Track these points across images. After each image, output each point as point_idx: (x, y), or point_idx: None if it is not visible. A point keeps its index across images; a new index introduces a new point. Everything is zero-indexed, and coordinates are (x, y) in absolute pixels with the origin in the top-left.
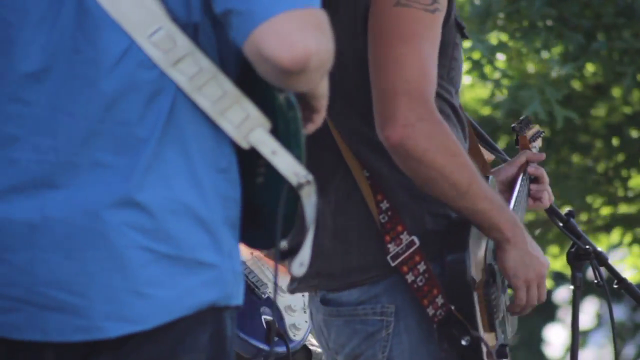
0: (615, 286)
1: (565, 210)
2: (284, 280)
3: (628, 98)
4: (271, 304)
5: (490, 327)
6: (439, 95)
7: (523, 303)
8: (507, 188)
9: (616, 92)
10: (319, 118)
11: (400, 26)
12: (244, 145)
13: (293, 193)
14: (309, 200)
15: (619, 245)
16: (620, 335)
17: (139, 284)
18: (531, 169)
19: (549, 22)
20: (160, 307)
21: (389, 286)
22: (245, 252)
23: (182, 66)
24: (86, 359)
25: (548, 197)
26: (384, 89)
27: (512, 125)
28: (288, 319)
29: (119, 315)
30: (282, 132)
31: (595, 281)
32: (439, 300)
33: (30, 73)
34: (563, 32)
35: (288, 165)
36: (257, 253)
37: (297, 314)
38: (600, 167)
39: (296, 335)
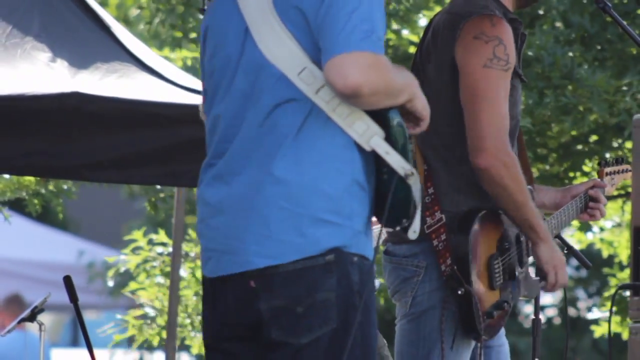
0: (565, 252)
1: None
2: None
3: (572, 131)
4: None
5: (491, 287)
6: None
7: (553, 282)
8: (569, 200)
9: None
10: (424, 123)
11: (488, 83)
12: (367, 148)
13: (404, 182)
14: (415, 186)
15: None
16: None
17: (277, 232)
18: (592, 191)
19: None
20: (292, 248)
21: (425, 249)
22: None
23: (321, 94)
24: (240, 288)
25: (600, 213)
26: (477, 129)
27: (605, 159)
28: None
29: (262, 253)
30: (392, 139)
31: None
32: (448, 261)
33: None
34: (524, 92)
35: (397, 162)
36: None
37: None
38: (555, 169)
39: None
